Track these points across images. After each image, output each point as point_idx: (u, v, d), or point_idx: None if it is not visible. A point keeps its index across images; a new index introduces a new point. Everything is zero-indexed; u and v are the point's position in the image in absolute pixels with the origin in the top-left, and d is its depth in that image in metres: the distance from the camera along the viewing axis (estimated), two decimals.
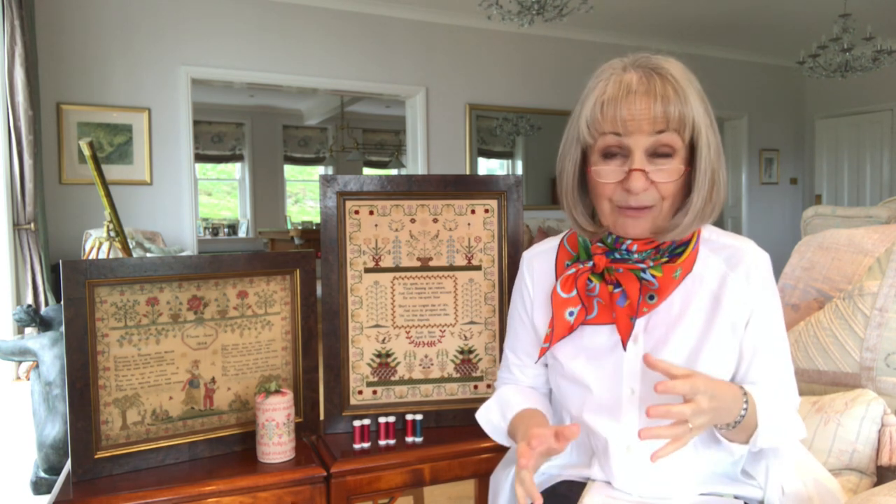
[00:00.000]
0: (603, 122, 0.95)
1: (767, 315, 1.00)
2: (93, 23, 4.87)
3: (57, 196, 4.75)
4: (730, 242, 1.03)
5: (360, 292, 1.44)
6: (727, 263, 1.01)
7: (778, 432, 0.96)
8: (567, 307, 1.03)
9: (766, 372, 1.00)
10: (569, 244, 1.10)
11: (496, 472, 1.20)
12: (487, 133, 6.59)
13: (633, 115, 0.93)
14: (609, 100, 0.95)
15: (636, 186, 0.94)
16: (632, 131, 0.94)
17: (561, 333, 1.03)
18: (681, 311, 1.00)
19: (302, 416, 1.38)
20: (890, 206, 3.56)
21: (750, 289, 0.99)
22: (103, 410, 1.21)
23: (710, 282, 1.01)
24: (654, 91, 0.93)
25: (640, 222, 0.97)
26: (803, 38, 6.70)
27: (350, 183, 1.42)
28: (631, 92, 0.94)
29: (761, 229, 7.99)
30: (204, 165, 10.30)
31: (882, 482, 1.18)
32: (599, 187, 0.98)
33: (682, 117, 0.94)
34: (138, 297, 1.23)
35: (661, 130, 0.94)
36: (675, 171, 0.95)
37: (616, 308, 0.99)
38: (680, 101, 0.93)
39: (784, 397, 1.00)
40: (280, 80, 5.60)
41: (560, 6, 4.52)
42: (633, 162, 0.94)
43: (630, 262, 1.00)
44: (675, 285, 0.99)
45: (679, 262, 0.99)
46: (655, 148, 0.95)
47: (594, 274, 1.02)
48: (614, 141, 0.95)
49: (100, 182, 2.49)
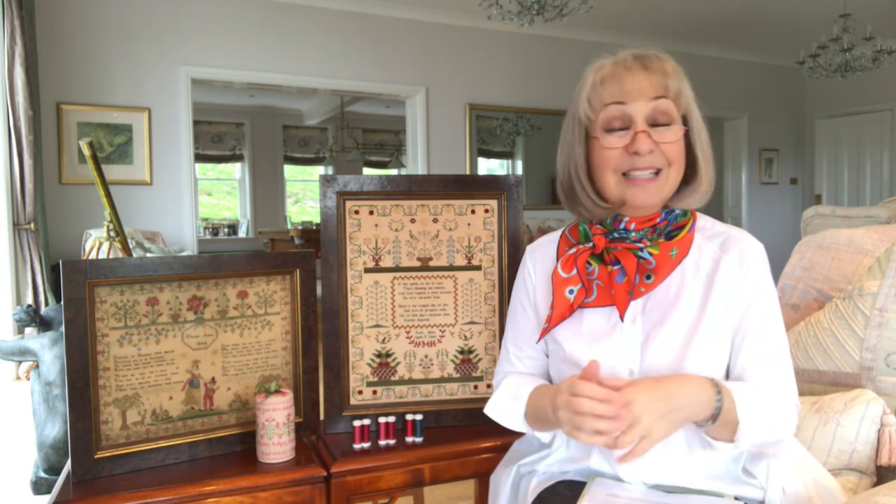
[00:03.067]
0: (604, 94, 1.01)
1: (759, 299, 1.02)
2: (93, 23, 4.87)
3: (57, 196, 4.75)
4: (724, 230, 1.07)
5: (360, 292, 1.44)
6: (721, 248, 1.05)
7: (763, 428, 0.96)
8: (567, 286, 1.06)
9: (757, 357, 1.01)
10: (570, 234, 1.13)
11: (496, 472, 1.20)
12: (487, 133, 6.59)
13: (635, 84, 0.99)
14: (608, 75, 1.01)
15: (642, 147, 0.98)
16: (634, 97, 0.99)
17: (562, 314, 1.05)
18: (677, 293, 1.02)
19: (302, 416, 1.38)
20: (890, 206, 3.56)
21: (742, 272, 1.02)
22: (103, 410, 1.21)
23: (705, 265, 1.04)
24: (651, 66, 1.00)
25: (648, 191, 1.01)
26: (803, 38, 6.70)
27: (350, 183, 1.42)
28: (627, 67, 1.00)
29: (761, 229, 7.98)
30: (204, 165, 10.30)
31: (881, 482, 1.18)
32: (605, 157, 1.02)
33: (679, 89, 1.01)
34: (138, 297, 1.23)
35: (660, 96, 0.99)
36: (676, 131, 1.00)
37: (614, 285, 1.02)
38: (676, 76, 1.01)
39: (772, 389, 1.00)
40: (280, 80, 5.60)
41: (560, 6, 4.52)
42: (637, 126, 0.99)
43: (628, 241, 1.03)
44: (672, 266, 1.02)
45: (675, 241, 1.02)
46: (655, 115, 0.99)
47: (593, 256, 1.05)
48: (616, 111, 1.00)
49: (100, 182, 2.49)
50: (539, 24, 5.27)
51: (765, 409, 0.97)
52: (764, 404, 0.97)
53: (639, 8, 6.19)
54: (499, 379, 1.21)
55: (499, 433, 1.27)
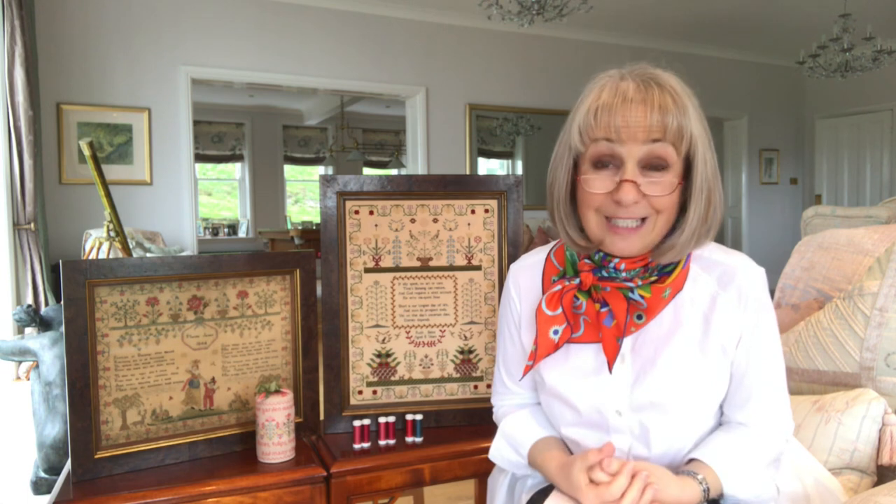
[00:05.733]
0: (596, 129, 0.91)
1: (758, 337, 0.97)
2: (93, 23, 4.87)
3: (57, 196, 4.75)
4: (722, 259, 0.99)
5: (360, 292, 1.44)
6: (718, 282, 0.97)
7: (749, 492, 0.94)
8: (552, 325, 0.98)
9: (755, 393, 0.97)
10: (556, 258, 1.06)
11: (493, 475, 1.20)
12: (487, 133, 6.59)
13: (628, 123, 0.89)
14: (603, 106, 0.90)
15: (626, 198, 0.89)
16: (625, 139, 0.89)
17: (545, 352, 0.99)
18: (670, 330, 0.96)
19: (302, 416, 1.38)
20: (890, 206, 3.56)
21: (741, 309, 0.96)
22: (103, 410, 1.21)
23: (701, 302, 0.97)
24: (651, 100, 0.89)
25: (629, 241, 0.93)
26: (803, 38, 6.70)
27: (350, 183, 1.42)
28: (627, 99, 0.89)
29: (761, 229, 7.99)
30: (204, 165, 10.30)
31: (882, 482, 1.18)
32: (588, 197, 0.94)
33: (680, 128, 0.89)
34: (138, 297, 1.23)
35: (656, 139, 0.89)
36: (668, 184, 0.90)
37: (603, 328, 0.96)
38: (678, 112, 0.89)
39: (763, 439, 0.98)
40: (280, 80, 5.60)
41: (560, 6, 4.52)
42: (625, 173, 0.90)
43: (618, 281, 0.96)
44: (664, 305, 0.96)
45: (668, 281, 0.95)
46: (649, 160, 0.90)
47: (581, 291, 0.98)
48: (606, 149, 0.91)
49: (100, 182, 2.49)
50: (539, 24, 5.27)
51: (751, 477, 0.95)
52: (750, 470, 0.95)
53: (639, 8, 6.19)
54: (494, 400, 1.19)
55: None
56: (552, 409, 1.05)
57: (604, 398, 0.98)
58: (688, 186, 0.93)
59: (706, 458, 0.94)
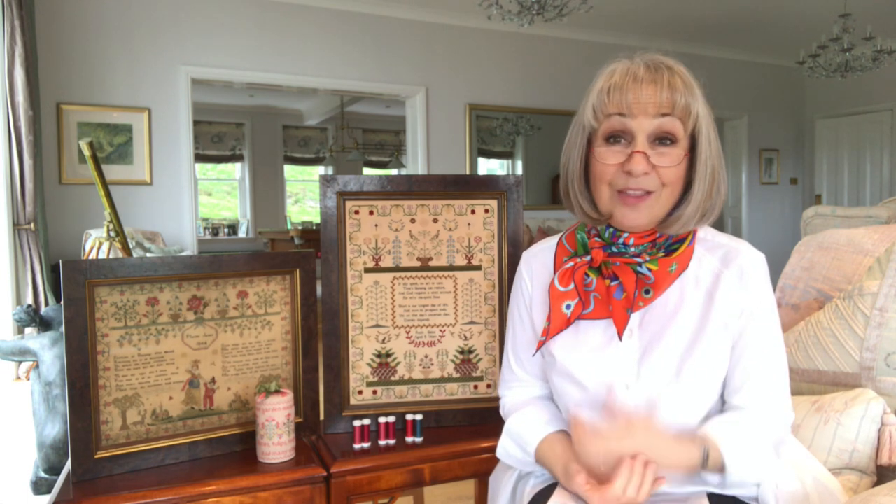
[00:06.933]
0: (609, 105, 0.98)
1: (758, 315, 1.00)
2: (93, 23, 4.87)
3: (57, 196, 4.75)
4: (725, 242, 1.05)
5: (360, 292, 1.44)
6: (722, 261, 1.02)
7: (750, 472, 0.95)
8: (564, 300, 1.04)
9: (753, 374, 0.99)
10: (567, 242, 1.11)
11: (495, 473, 1.20)
12: (487, 133, 6.59)
13: (639, 99, 0.96)
14: (616, 84, 0.98)
15: (637, 168, 0.96)
16: (636, 113, 0.96)
17: (558, 327, 1.04)
18: (676, 308, 1.01)
19: (302, 416, 1.38)
20: (890, 206, 3.56)
21: (742, 286, 1.00)
22: (103, 410, 1.21)
23: (705, 279, 1.02)
24: (661, 79, 0.96)
25: (638, 211, 0.99)
26: (803, 38, 6.70)
27: (350, 183, 1.42)
28: (638, 79, 0.97)
29: (761, 229, 7.98)
30: (204, 165, 10.30)
31: (882, 481, 1.18)
32: (600, 170, 1.00)
33: (688, 106, 0.96)
34: (138, 297, 1.23)
35: (665, 114, 0.96)
36: (676, 156, 0.97)
37: (613, 301, 1.00)
38: (686, 91, 0.96)
39: (763, 422, 0.98)
40: (280, 80, 5.60)
41: (560, 6, 4.52)
42: (636, 145, 0.96)
43: (627, 256, 1.01)
44: (671, 280, 1.00)
45: (675, 256, 1.01)
46: (658, 133, 0.97)
47: (591, 269, 1.03)
48: (618, 123, 0.97)
49: (100, 182, 2.49)
50: (539, 24, 5.27)
51: (752, 455, 0.96)
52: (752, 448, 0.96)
53: (639, 8, 6.19)
54: (501, 389, 1.20)
55: (498, 434, 1.26)
56: (560, 390, 1.08)
57: (612, 372, 1.01)
58: (693, 162, 1.00)
59: (708, 431, 0.96)
